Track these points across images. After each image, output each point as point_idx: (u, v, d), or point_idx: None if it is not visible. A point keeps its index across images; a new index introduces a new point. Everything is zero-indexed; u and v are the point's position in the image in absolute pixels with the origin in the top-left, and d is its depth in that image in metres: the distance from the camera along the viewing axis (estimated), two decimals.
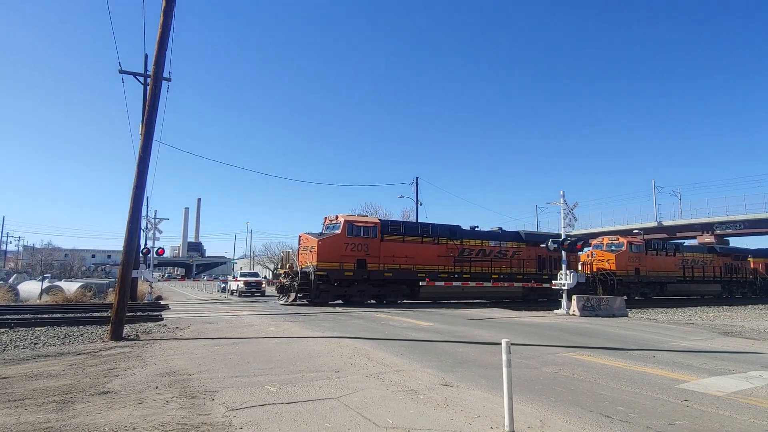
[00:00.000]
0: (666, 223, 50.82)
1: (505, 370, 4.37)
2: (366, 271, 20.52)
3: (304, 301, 20.78)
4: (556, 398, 5.46)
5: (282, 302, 21.20)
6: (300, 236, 22.06)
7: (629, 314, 18.34)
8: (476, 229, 25.31)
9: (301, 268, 20.42)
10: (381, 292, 21.36)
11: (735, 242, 48.24)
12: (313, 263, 19.75)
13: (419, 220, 34.50)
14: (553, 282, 19.75)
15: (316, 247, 19.97)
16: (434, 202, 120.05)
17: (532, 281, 25.22)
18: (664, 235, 48.70)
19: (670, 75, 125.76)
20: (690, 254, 32.29)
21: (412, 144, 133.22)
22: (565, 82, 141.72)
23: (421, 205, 37.26)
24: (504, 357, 4.43)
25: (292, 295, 20.58)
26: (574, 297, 17.95)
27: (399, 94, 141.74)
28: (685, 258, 31.47)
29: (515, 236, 26.41)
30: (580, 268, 27.32)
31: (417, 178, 37.52)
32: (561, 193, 19.65)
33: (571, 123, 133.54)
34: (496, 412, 4.81)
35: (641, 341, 10.61)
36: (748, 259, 36.78)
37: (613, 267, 27.69)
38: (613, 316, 17.30)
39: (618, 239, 29.62)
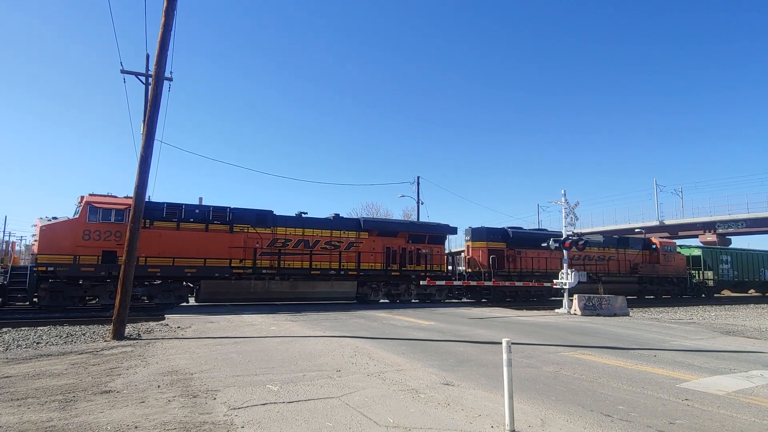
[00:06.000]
0: (668, 222, 50.77)
1: (505, 369, 4.39)
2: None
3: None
4: (556, 397, 5.47)
5: None
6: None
7: (630, 313, 18.38)
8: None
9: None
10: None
11: (737, 240, 48.24)
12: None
13: (420, 219, 34.34)
14: (554, 281, 19.59)
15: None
16: (435, 201, 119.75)
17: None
18: (667, 234, 48.68)
19: (673, 72, 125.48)
20: (317, 232, 20.29)
21: (413, 143, 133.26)
22: (565, 80, 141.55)
23: (422, 204, 37.18)
24: (505, 356, 4.45)
25: None
26: (575, 296, 17.94)
27: (399, 91, 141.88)
28: (306, 237, 19.96)
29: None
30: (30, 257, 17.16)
31: (418, 177, 37.42)
32: (562, 191, 19.58)
33: (572, 121, 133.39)
34: (497, 411, 4.82)
35: (642, 340, 10.62)
36: (466, 243, 24.16)
37: (36, 251, 15.53)
38: (615, 315, 17.32)
39: (80, 201, 16.42)
